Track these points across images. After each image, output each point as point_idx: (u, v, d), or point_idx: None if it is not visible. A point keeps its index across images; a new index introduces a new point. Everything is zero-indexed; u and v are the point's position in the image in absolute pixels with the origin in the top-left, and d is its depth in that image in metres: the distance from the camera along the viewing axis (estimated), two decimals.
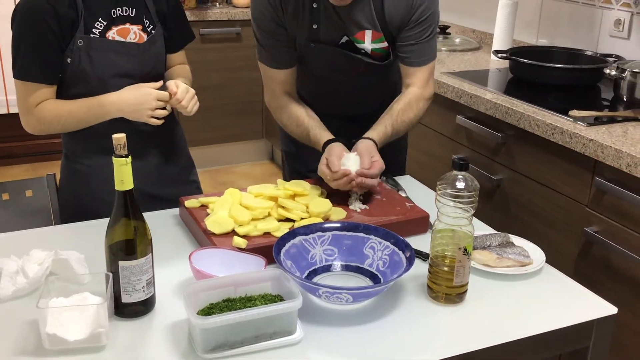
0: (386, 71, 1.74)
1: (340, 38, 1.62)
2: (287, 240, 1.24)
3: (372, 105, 1.76)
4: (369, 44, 1.62)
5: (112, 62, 1.54)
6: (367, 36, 1.61)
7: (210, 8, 3.80)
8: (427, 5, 1.58)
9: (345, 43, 1.62)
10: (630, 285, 1.68)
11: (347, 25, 1.59)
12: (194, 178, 1.80)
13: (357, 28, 1.59)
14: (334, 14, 1.57)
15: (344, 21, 1.58)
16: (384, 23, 1.59)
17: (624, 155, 1.62)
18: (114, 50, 1.54)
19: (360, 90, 1.76)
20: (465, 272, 1.17)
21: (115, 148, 1.02)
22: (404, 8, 1.58)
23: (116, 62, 1.54)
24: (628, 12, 2.34)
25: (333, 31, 1.60)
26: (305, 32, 1.61)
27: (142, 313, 1.11)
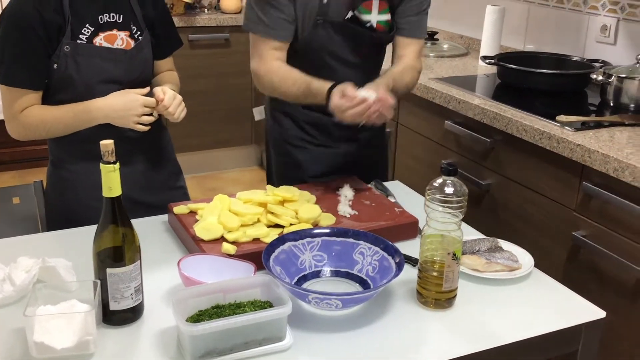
0: (380, 58, 1.81)
1: (346, 13, 1.65)
2: (276, 246, 1.23)
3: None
4: (375, 15, 1.65)
5: (99, 68, 1.53)
6: (374, 6, 1.65)
7: (199, 14, 3.80)
8: None
9: (351, 19, 1.65)
10: (618, 289, 1.69)
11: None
12: (181, 184, 1.79)
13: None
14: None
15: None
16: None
17: (610, 160, 1.64)
18: (100, 56, 1.53)
19: (357, 77, 1.66)
20: (454, 277, 1.17)
21: (103, 155, 1.02)
22: None
23: (103, 68, 1.54)
24: (614, 17, 2.36)
25: (341, 5, 1.63)
26: (315, 7, 1.62)
27: (130, 320, 1.10)
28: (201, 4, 3.92)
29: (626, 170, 1.60)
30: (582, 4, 2.49)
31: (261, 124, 3.96)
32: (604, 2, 2.40)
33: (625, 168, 1.60)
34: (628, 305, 1.67)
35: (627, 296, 1.67)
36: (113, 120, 1.53)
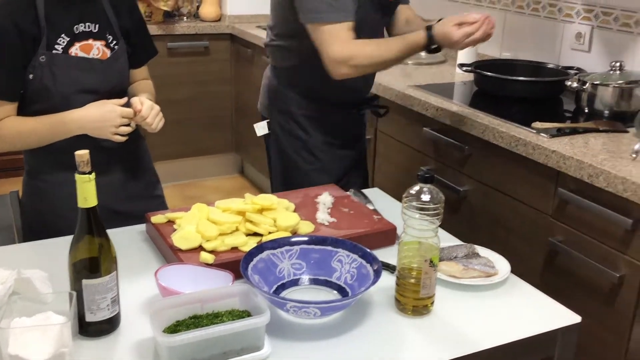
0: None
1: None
2: (254, 255, 1.23)
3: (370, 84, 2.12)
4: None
5: (75, 78, 1.52)
6: None
7: (178, 22, 3.80)
8: None
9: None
10: (594, 293, 1.71)
11: None
12: (159, 193, 1.79)
13: None
14: None
15: None
16: None
17: (585, 166, 1.66)
18: (77, 67, 1.52)
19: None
20: (431, 284, 1.18)
21: (78, 165, 1.01)
22: None
23: (79, 78, 1.53)
24: (588, 25, 2.40)
25: None
26: None
27: (107, 332, 1.09)
28: (180, 12, 3.92)
29: (600, 176, 1.62)
30: (557, 12, 2.53)
31: (244, 133, 3.96)
32: (579, 10, 2.44)
33: (600, 174, 1.62)
34: (604, 310, 1.69)
35: (603, 300, 1.69)
36: (90, 132, 1.52)
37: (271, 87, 2.00)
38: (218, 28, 3.81)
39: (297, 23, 1.79)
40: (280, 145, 2.00)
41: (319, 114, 1.94)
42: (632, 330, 1.63)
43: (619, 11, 2.29)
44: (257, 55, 3.55)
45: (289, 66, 1.95)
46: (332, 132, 1.96)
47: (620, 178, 1.57)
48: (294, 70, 1.94)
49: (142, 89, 1.70)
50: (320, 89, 1.91)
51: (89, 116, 1.51)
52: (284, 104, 1.97)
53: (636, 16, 2.22)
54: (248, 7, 3.93)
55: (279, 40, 1.94)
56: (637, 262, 1.59)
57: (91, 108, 1.52)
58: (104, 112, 1.51)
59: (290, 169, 1.99)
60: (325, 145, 1.96)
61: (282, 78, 1.97)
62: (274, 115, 1.99)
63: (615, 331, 1.67)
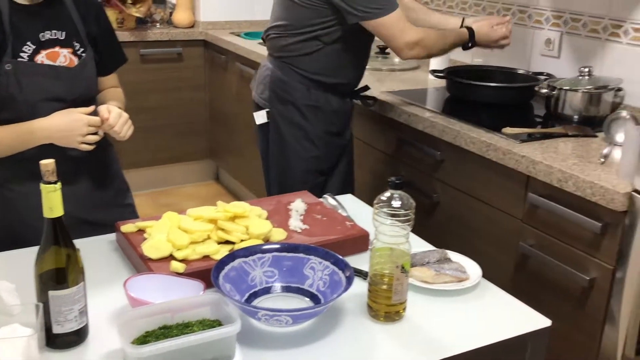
0: None
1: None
2: (226, 264, 1.22)
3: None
4: None
5: (42, 86, 1.50)
6: None
7: (150, 28, 3.77)
8: None
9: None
10: (565, 297, 1.73)
11: None
12: (129, 202, 1.77)
13: None
14: None
15: None
16: None
17: (554, 171, 1.68)
18: (43, 74, 1.50)
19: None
20: (403, 290, 1.18)
21: (43, 174, 1.00)
22: None
23: (45, 87, 1.51)
24: (558, 31, 2.44)
25: None
26: None
27: (75, 343, 1.07)
28: (153, 19, 3.89)
29: (569, 180, 1.64)
30: (527, 18, 2.56)
31: (218, 140, 3.94)
32: (548, 17, 2.47)
33: (569, 178, 1.64)
34: (575, 313, 1.71)
35: (574, 303, 1.71)
36: (57, 141, 1.50)
37: (274, 78, 2.12)
38: (191, 34, 3.79)
39: (315, 17, 1.99)
40: (280, 134, 2.14)
41: (321, 103, 2.10)
42: (603, 332, 1.65)
43: (587, 17, 2.32)
44: (231, 62, 3.54)
45: (299, 57, 2.07)
46: (330, 121, 2.13)
47: (589, 182, 1.59)
48: (306, 61, 2.07)
49: (112, 96, 1.69)
50: (328, 78, 2.08)
51: (56, 125, 1.49)
52: (287, 94, 2.10)
53: (604, 22, 2.26)
54: (221, 14, 3.92)
55: (294, 33, 2.06)
56: (607, 265, 1.61)
57: (58, 117, 1.50)
58: (71, 121, 1.50)
59: (290, 157, 2.14)
60: (324, 134, 2.12)
61: (286, 69, 2.10)
62: (275, 104, 2.13)
63: (586, 334, 1.69)
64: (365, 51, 2.17)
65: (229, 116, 3.69)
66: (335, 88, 2.11)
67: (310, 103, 2.10)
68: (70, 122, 1.50)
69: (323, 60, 2.06)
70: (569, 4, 2.39)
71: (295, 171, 2.14)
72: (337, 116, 2.15)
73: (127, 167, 3.74)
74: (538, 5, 2.51)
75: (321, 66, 2.07)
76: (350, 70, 2.12)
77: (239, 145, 3.62)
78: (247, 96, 3.43)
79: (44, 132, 1.49)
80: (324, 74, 2.08)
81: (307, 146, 2.13)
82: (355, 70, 2.15)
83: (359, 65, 2.17)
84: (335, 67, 2.08)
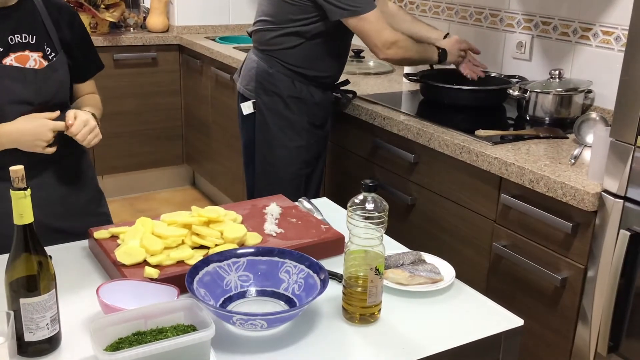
0: None
1: None
2: (200, 269, 1.22)
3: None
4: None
5: (9, 89, 1.48)
6: None
7: (124, 33, 3.74)
8: None
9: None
10: (538, 296, 1.75)
11: None
12: (103, 210, 1.75)
13: None
14: None
15: None
16: None
17: (526, 172, 1.70)
18: (9, 77, 1.48)
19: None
20: (377, 292, 1.18)
21: (13, 180, 0.99)
22: None
23: (12, 89, 1.49)
24: (529, 35, 2.47)
25: None
26: None
27: (47, 351, 1.06)
28: (126, 23, 3.86)
29: (541, 181, 1.67)
30: (498, 22, 2.59)
31: (194, 145, 3.92)
32: (519, 20, 2.51)
33: (540, 179, 1.67)
34: (547, 312, 1.74)
35: (547, 303, 1.73)
36: (21, 146, 1.49)
37: (260, 70, 2.21)
38: (166, 39, 3.77)
39: (299, 13, 2.09)
40: (266, 124, 2.22)
41: (304, 94, 2.19)
42: (576, 330, 1.68)
43: (557, 20, 2.36)
44: (206, 66, 3.53)
45: (282, 51, 2.16)
46: (313, 113, 2.23)
47: (560, 183, 1.62)
48: (289, 54, 2.16)
49: (87, 102, 1.67)
50: (309, 71, 2.18)
51: (20, 130, 1.48)
52: (272, 85, 2.19)
53: (574, 25, 2.30)
54: (196, 18, 3.91)
55: (277, 28, 2.15)
56: (578, 264, 1.64)
57: (22, 122, 1.49)
58: (36, 126, 1.49)
59: (275, 146, 2.23)
60: (308, 125, 2.22)
61: (272, 62, 2.19)
62: (261, 95, 2.21)
63: (559, 332, 1.72)
64: (345, 47, 2.26)
65: (205, 121, 3.68)
66: (316, 80, 2.21)
67: (294, 94, 2.19)
68: (35, 127, 1.49)
69: (304, 54, 2.16)
70: (540, 8, 2.42)
71: (280, 161, 2.24)
72: (319, 108, 2.24)
73: (103, 172, 3.75)
74: (509, 9, 2.55)
75: (302, 59, 2.16)
76: (329, 65, 2.22)
77: (215, 150, 3.61)
78: (222, 101, 3.43)
79: (7, 137, 1.47)
80: (305, 67, 2.17)
81: (292, 136, 2.22)
82: (335, 64, 2.24)
83: (339, 60, 2.26)
84: (316, 60, 2.18)
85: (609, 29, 2.18)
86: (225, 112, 3.41)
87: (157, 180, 4.05)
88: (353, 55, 2.99)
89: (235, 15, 4.02)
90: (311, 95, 2.21)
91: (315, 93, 2.22)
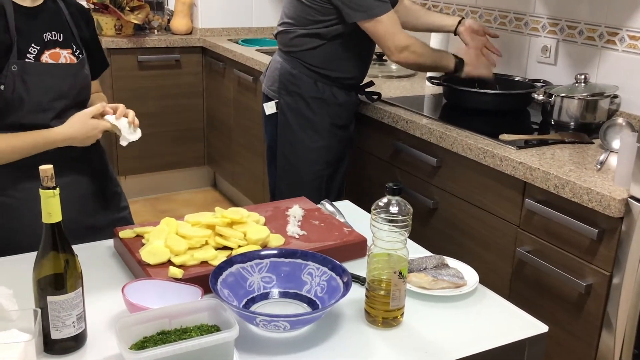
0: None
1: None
2: (224, 269, 1.23)
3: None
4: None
5: (48, 85, 1.54)
6: None
7: (149, 35, 3.78)
8: None
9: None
10: (562, 303, 1.73)
11: None
12: (124, 204, 1.79)
13: None
14: None
15: None
16: None
17: (551, 177, 1.69)
18: (48, 73, 1.54)
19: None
20: (401, 296, 1.18)
21: (43, 180, 1.00)
22: None
23: (51, 85, 1.55)
24: (554, 39, 2.45)
25: None
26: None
27: (72, 349, 1.07)
28: (151, 25, 3.90)
29: (566, 186, 1.65)
30: (523, 25, 2.57)
31: (216, 146, 3.94)
32: (544, 24, 2.49)
33: (565, 185, 1.65)
34: (571, 319, 1.72)
35: (571, 309, 1.71)
36: (74, 144, 1.57)
37: (283, 71, 2.24)
38: (189, 41, 3.80)
39: (319, 15, 2.12)
40: (288, 124, 2.25)
41: (326, 95, 2.21)
42: (600, 338, 1.66)
43: (583, 25, 2.34)
44: (229, 68, 3.55)
45: (304, 52, 2.19)
46: (336, 114, 2.24)
47: (585, 189, 1.60)
48: (310, 55, 2.19)
49: (98, 102, 1.72)
50: (332, 72, 2.19)
51: (76, 134, 1.55)
52: (295, 86, 2.22)
53: (600, 29, 2.28)
54: (219, 21, 3.94)
55: (299, 29, 2.19)
56: (603, 271, 1.62)
57: (76, 126, 1.55)
58: (89, 130, 1.56)
59: (297, 145, 2.25)
60: (330, 126, 2.23)
61: (295, 63, 2.22)
62: (283, 95, 2.25)
63: (583, 339, 1.70)
64: (368, 49, 2.26)
65: (227, 123, 3.70)
66: (339, 82, 2.22)
67: (316, 95, 2.21)
68: (89, 130, 1.56)
69: (325, 55, 2.18)
70: (566, 12, 2.40)
71: (302, 160, 2.27)
72: (342, 109, 2.26)
73: (125, 173, 3.79)
74: (534, 13, 2.53)
75: (324, 60, 2.18)
76: (352, 66, 2.23)
77: (236, 152, 3.62)
78: (244, 103, 3.44)
79: (65, 142, 1.55)
80: (328, 68, 2.19)
81: (313, 136, 2.24)
82: (357, 66, 2.25)
83: (362, 62, 2.27)
84: (338, 61, 2.19)
85: (636, 34, 2.16)
86: (246, 114, 3.43)
87: (178, 181, 4.08)
88: (375, 58, 2.98)
89: (258, 18, 4.04)
90: (334, 96, 2.22)
91: (339, 94, 2.23)
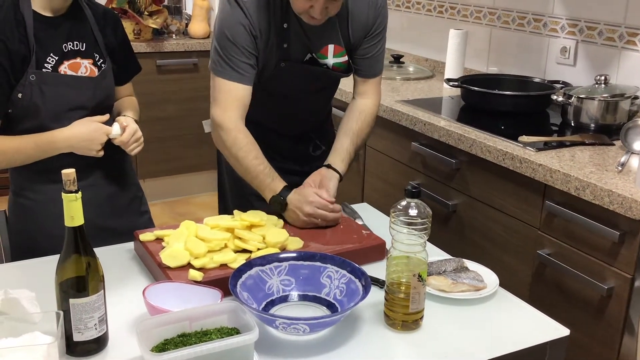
0: (336, 86, 1.89)
1: (305, 55, 1.69)
2: (243, 272, 1.23)
3: (317, 122, 1.93)
4: (331, 59, 1.70)
5: (65, 96, 1.54)
6: (329, 51, 1.69)
7: (167, 39, 3.81)
8: (382, 20, 1.71)
9: (309, 60, 1.70)
10: (583, 306, 1.72)
11: (312, 42, 1.66)
12: (145, 208, 1.80)
13: (322, 44, 1.67)
14: (302, 32, 1.64)
15: (310, 38, 1.65)
16: (347, 38, 1.68)
17: (572, 179, 1.67)
18: (66, 84, 1.54)
19: (313, 105, 1.87)
20: (420, 299, 1.18)
21: (65, 184, 1.01)
22: (364, 23, 1.68)
23: (69, 96, 1.55)
24: (573, 40, 2.43)
25: (300, 49, 1.67)
26: (276, 52, 1.64)
27: (94, 351, 1.08)
28: (169, 30, 3.93)
29: (587, 189, 1.63)
30: (542, 26, 2.56)
31: None
32: (563, 25, 2.46)
33: (586, 187, 1.63)
34: (593, 322, 1.70)
35: (592, 313, 1.70)
36: (77, 150, 1.55)
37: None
38: (207, 45, 3.82)
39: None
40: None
41: (265, 143, 1.70)
42: (622, 342, 1.64)
43: (602, 25, 2.32)
44: None
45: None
46: (279, 158, 1.79)
47: (607, 191, 1.58)
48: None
49: (127, 105, 1.73)
50: (263, 121, 1.80)
51: (78, 135, 1.54)
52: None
53: (620, 30, 2.25)
54: None
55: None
56: (625, 274, 1.60)
57: (78, 127, 1.55)
58: (91, 131, 1.55)
59: (240, 185, 1.77)
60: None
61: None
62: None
63: (604, 343, 1.68)
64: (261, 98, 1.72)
65: None
66: (273, 130, 1.84)
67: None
68: (91, 132, 1.55)
69: (254, 106, 1.68)
70: (585, 12, 2.38)
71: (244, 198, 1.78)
72: (284, 154, 1.85)
73: (144, 176, 3.81)
74: (553, 14, 2.51)
75: (254, 110, 1.68)
76: (283, 117, 1.84)
77: None
78: None
79: (66, 142, 1.54)
80: (258, 118, 1.76)
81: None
82: (293, 116, 1.83)
83: (302, 113, 1.84)
84: (268, 113, 1.80)
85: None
86: None
87: (196, 185, 4.10)
88: (393, 60, 2.99)
89: None
90: (272, 141, 1.80)
91: (278, 142, 1.85)
